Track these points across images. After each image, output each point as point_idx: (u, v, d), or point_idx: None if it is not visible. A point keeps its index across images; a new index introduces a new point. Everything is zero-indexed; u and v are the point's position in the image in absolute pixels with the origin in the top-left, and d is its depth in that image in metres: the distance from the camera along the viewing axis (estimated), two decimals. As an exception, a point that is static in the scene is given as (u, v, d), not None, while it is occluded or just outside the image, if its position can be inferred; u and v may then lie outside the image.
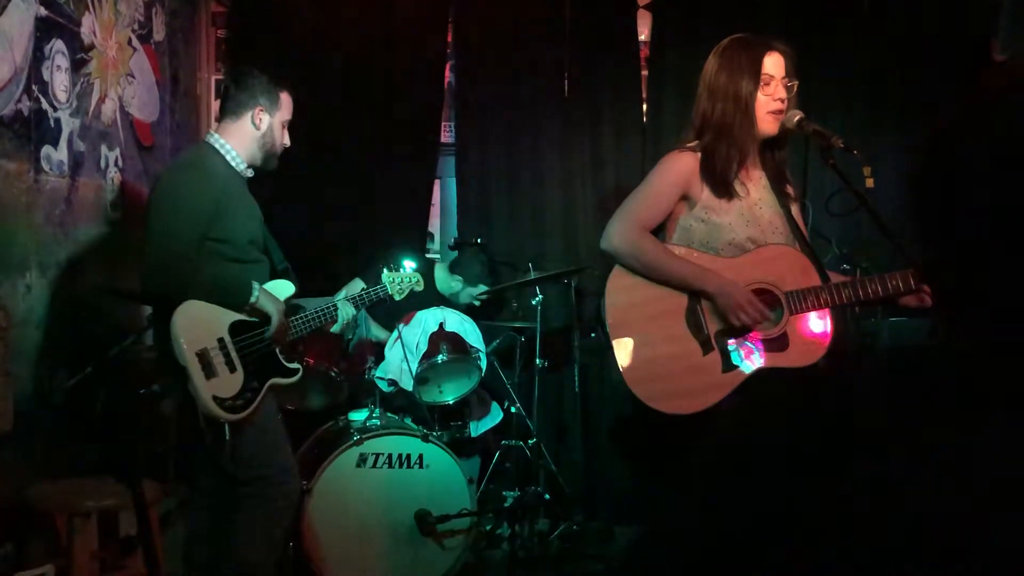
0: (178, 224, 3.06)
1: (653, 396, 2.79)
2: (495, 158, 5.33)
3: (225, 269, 3.18)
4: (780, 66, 2.86)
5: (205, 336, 3.06)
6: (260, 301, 3.16)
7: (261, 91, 3.29)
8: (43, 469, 3.51)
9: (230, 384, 3.08)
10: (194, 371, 2.99)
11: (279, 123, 3.35)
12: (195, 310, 3.05)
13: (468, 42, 5.36)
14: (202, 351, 3.03)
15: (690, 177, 2.88)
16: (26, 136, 3.52)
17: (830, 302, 2.79)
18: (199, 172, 3.18)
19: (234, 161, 3.29)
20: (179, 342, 2.99)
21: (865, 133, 5.10)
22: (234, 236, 3.19)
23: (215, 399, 3.02)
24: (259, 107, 3.29)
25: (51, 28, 3.68)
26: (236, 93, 3.30)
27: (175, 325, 3.00)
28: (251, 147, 3.31)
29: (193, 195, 3.10)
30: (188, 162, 3.31)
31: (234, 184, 3.26)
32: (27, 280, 3.53)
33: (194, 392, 3.00)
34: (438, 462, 3.95)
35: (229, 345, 3.10)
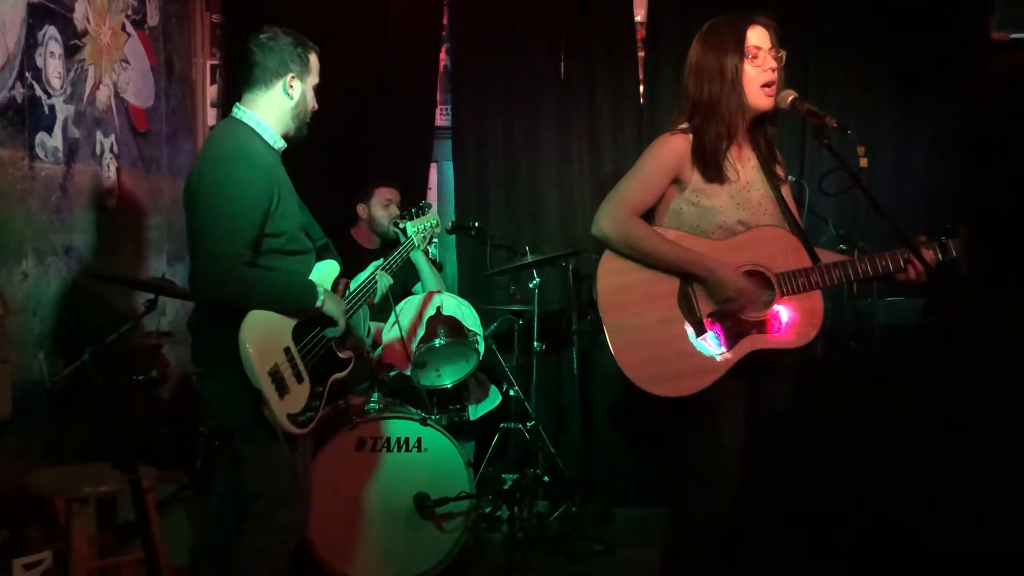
0: (235, 224, 2.77)
1: (646, 379, 2.79)
2: (492, 141, 5.32)
3: (285, 265, 2.94)
4: (765, 38, 2.84)
5: (274, 350, 2.84)
6: (327, 307, 2.96)
7: (291, 56, 2.96)
8: (41, 455, 3.52)
9: (300, 396, 2.89)
10: (270, 395, 2.77)
11: (310, 88, 3.05)
12: (261, 321, 2.81)
13: (464, 25, 5.34)
14: (273, 369, 2.80)
15: (681, 160, 2.88)
16: (20, 123, 3.51)
17: (821, 283, 2.79)
18: (247, 163, 2.85)
19: (272, 139, 2.99)
20: (250, 363, 2.74)
21: (862, 111, 5.09)
22: (288, 227, 2.95)
23: (289, 417, 2.83)
24: (291, 75, 2.97)
25: (44, 14, 3.66)
26: (264, 59, 2.95)
27: (245, 344, 2.74)
28: (285, 119, 3.01)
29: (245, 192, 2.80)
30: (228, 149, 2.90)
31: (278, 167, 2.99)
32: (23, 267, 3.53)
33: (271, 417, 2.79)
34: (437, 445, 3.96)
35: (295, 354, 2.91)
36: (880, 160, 5.00)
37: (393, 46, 5.25)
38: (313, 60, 3.07)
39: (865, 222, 4.61)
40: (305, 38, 3.07)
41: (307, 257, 3.07)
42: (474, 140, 5.34)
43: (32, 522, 3.34)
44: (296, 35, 3.03)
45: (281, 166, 3.05)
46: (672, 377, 2.78)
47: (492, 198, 5.34)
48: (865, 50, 5.12)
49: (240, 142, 2.92)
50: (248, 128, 2.97)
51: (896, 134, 5.12)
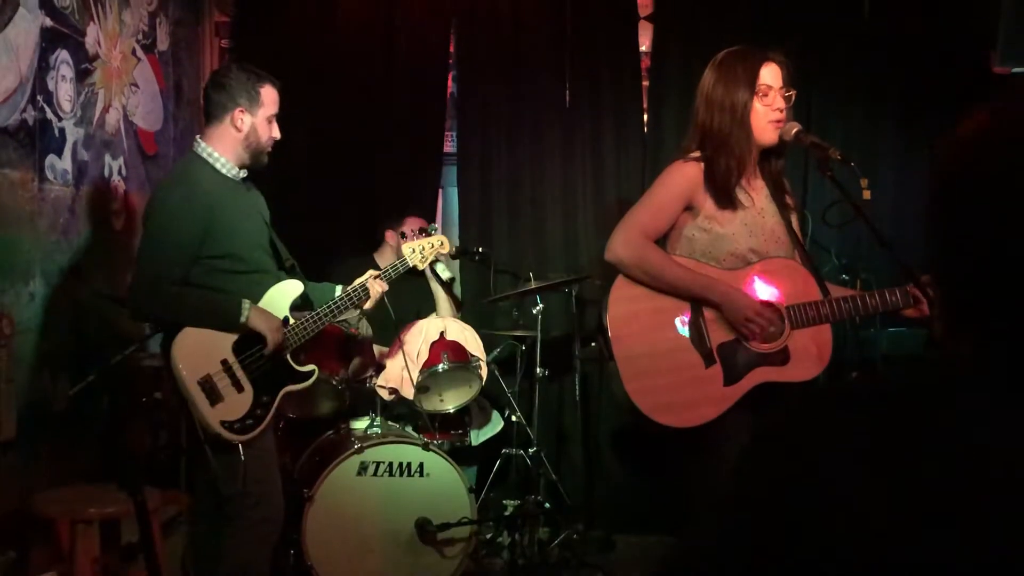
0: (163, 246, 3.01)
1: (654, 408, 2.80)
2: (497, 167, 5.36)
3: (230, 284, 3.09)
4: (777, 76, 2.88)
5: (207, 361, 3.01)
6: (252, 321, 3.06)
7: (239, 90, 3.13)
8: (46, 476, 3.53)
9: (239, 405, 3.03)
10: (198, 401, 2.95)
11: (263, 120, 3.17)
12: (195, 335, 3.00)
13: (470, 53, 5.38)
14: (204, 378, 2.98)
15: (694, 187, 2.90)
16: (31, 145, 3.54)
17: (831, 316, 2.81)
18: (185, 189, 3.07)
19: (224, 168, 3.15)
20: (179, 373, 2.95)
21: (864, 144, 5.12)
22: (234, 249, 3.11)
23: (223, 424, 2.97)
24: (239, 108, 3.13)
25: (56, 38, 3.71)
26: (215, 95, 3.15)
27: (174, 356, 2.96)
28: (237, 149, 3.17)
29: (178, 215, 3.02)
30: (175, 178, 3.21)
31: (227, 194, 3.15)
32: (31, 288, 3.56)
33: (200, 422, 2.95)
34: (439, 471, 3.96)
35: (234, 365, 3.05)
36: (882, 192, 5.03)
37: (401, 74, 5.29)
38: (265, 92, 3.19)
39: (868, 253, 4.64)
40: (261, 72, 3.21)
41: (258, 276, 3.19)
42: (479, 166, 5.38)
43: (36, 543, 3.34)
44: (251, 70, 3.19)
45: (239, 191, 3.21)
46: (680, 407, 2.79)
47: (496, 224, 5.36)
48: (868, 83, 5.16)
49: (185, 172, 3.16)
50: (200, 159, 3.16)
51: (898, 167, 5.15)
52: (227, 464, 3.03)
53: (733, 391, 2.79)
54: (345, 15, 5.29)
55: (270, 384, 3.13)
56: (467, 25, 5.37)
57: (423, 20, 5.31)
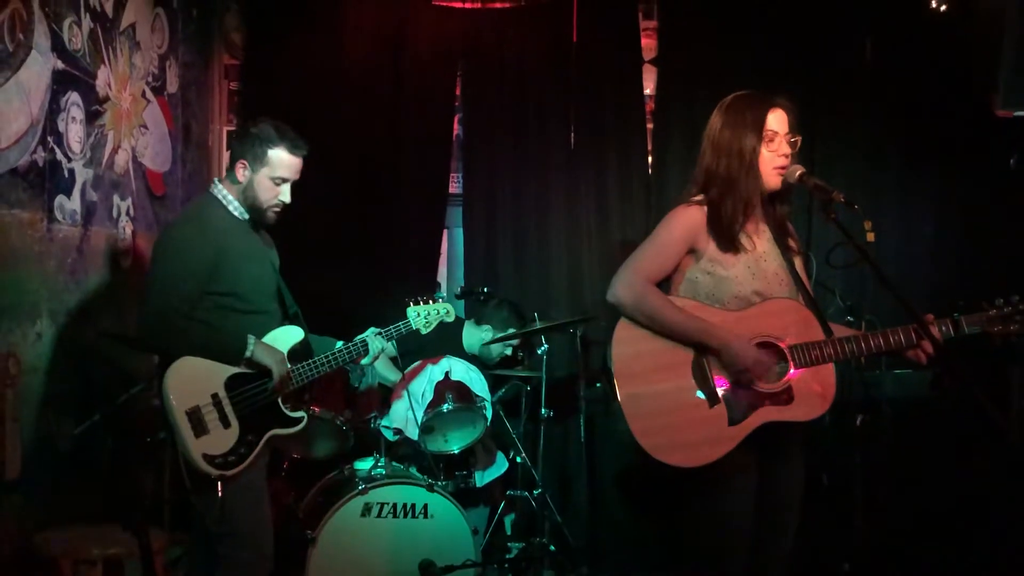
0: (172, 279, 3.08)
1: (658, 447, 2.79)
2: (502, 209, 5.40)
3: (231, 321, 3.17)
4: (784, 122, 2.90)
5: (197, 393, 3.06)
6: (256, 355, 3.13)
7: (248, 146, 3.25)
8: (50, 515, 3.53)
9: (223, 440, 3.07)
10: (183, 429, 3.00)
11: (264, 179, 3.24)
12: (189, 367, 3.06)
13: (476, 95, 5.44)
14: (192, 409, 3.03)
15: (697, 230, 2.92)
16: (40, 186, 3.58)
17: (834, 356, 2.81)
18: (197, 226, 3.19)
19: (236, 210, 3.29)
20: (168, 401, 3.00)
21: (868, 186, 5.15)
22: (239, 288, 3.19)
23: (205, 457, 3.01)
24: (241, 161, 3.25)
25: (67, 81, 3.75)
26: (233, 142, 3.35)
27: (166, 384, 3.02)
28: (243, 199, 3.29)
29: (189, 249, 3.11)
30: (188, 215, 3.35)
31: (238, 234, 3.26)
32: (38, 328, 3.57)
33: (183, 450, 3.01)
34: (443, 512, 3.95)
35: (224, 400, 3.10)
36: (886, 234, 5.05)
37: (407, 116, 5.35)
38: (275, 155, 3.25)
39: (872, 294, 4.64)
40: (285, 136, 3.26)
41: (261, 317, 3.26)
42: (484, 207, 5.41)
43: (39, 584, 3.33)
44: (272, 131, 3.25)
45: (249, 233, 3.30)
46: (684, 446, 2.79)
47: (501, 264, 5.39)
48: (870, 125, 5.21)
49: (198, 210, 3.29)
50: (215, 199, 3.29)
51: (902, 208, 5.18)
52: (206, 500, 3.05)
53: (737, 431, 2.78)
54: (352, 58, 5.35)
55: (257, 424, 3.16)
56: (473, 68, 5.43)
57: (429, 64, 5.37)
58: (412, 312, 3.65)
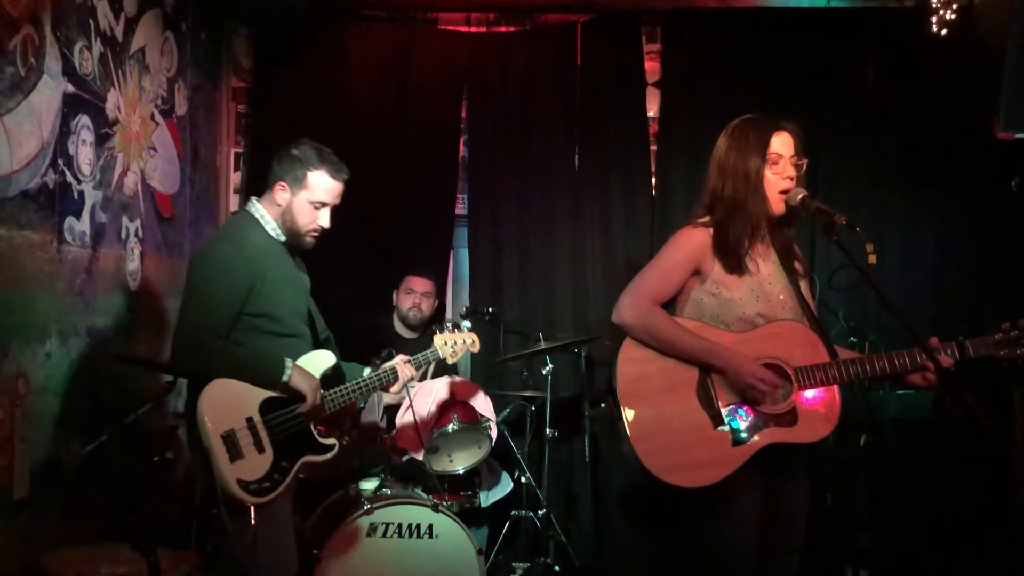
0: (210, 300, 3.00)
1: (663, 467, 2.81)
2: (507, 230, 5.44)
3: (264, 344, 3.10)
4: (789, 145, 2.93)
5: (233, 416, 2.96)
6: (293, 379, 3.06)
7: (288, 168, 3.21)
8: (58, 535, 3.54)
9: (257, 466, 2.97)
10: (218, 454, 2.89)
11: (304, 203, 3.22)
12: (223, 389, 2.96)
13: (481, 118, 5.49)
14: (228, 433, 2.92)
15: (702, 252, 2.95)
16: (50, 208, 3.61)
17: (839, 378, 2.83)
18: (234, 245, 3.11)
19: (273, 230, 3.22)
20: (204, 423, 2.89)
21: (871, 208, 5.19)
22: (274, 310, 3.13)
23: (239, 483, 2.90)
24: (281, 183, 3.22)
25: (78, 104, 3.80)
26: (273, 163, 3.27)
27: (201, 406, 2.91)
28: (282, 220, 3.24)
29: (227, 269, 3.03)
30: (226, 234, 3.25)
31: (274, 255, 3.20)
32: (47, 348, 3.60)
33: (217, 476, 2.88)
34: (448, 532, 3.95)
35: (258, 424, 3.01)
36: (889, 255, 5.09)
37: (413, 138, 5.40)
38: (314, 178, 3.23)
39: (875, 316, 4.67)
40: (326, 159, 3.26)
41: (294, 341, 3.20)
42: (489, 228, 5.45)
43: (47, 603, 3.34)
44: (308, 154, 3.24)
45: (285, 255, 3.26)
46: (688, 467, 2.80)
47: (506, 284, 5.42)
48: (873, 148, 5.25)
49: (237, 229, 3.21)
50: (253, 218, 3.23)
51: (905, 230, 5.20)
52: (237, 526, 2.94)
53: (742, 452, 2.80)
54: (358, 81, 5.41)
55: (290, 450, 3.08)
56: (478, 91, 5.49)
57: (435, 87, 5.43)
58: (439, 341, 3.66)
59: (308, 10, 5.31)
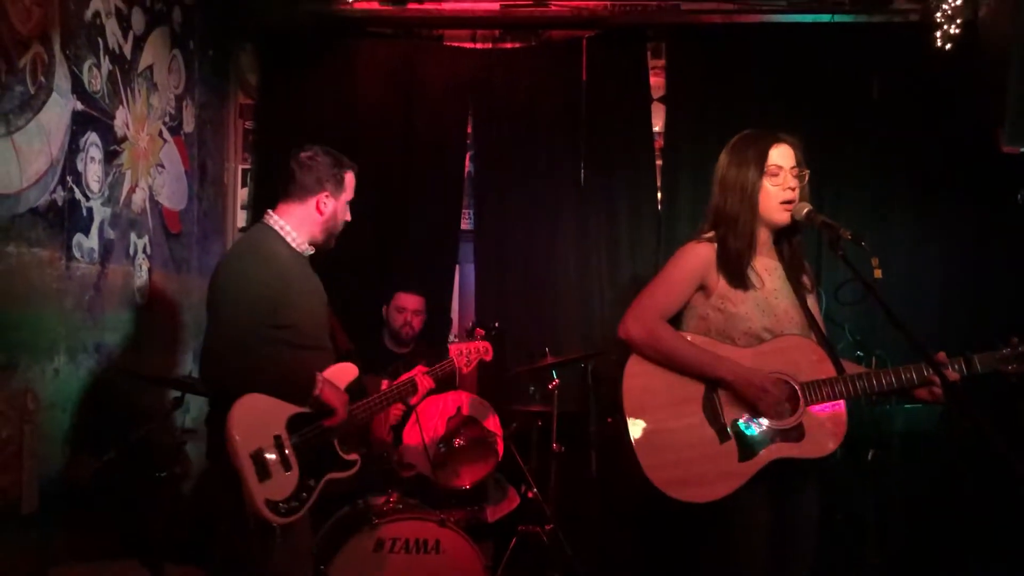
0: (240, 312, 2.92)
1: (669, 482, 2.80)
2: (513, 244, 5.45)
3: (292, 357, 3.04)
4: (789, 156, 2.94)
5: (261, 434, 2.88)
6: (325, 394, 3.01)
7: (327, 176, 3.17)
8: (66, 551, 3.55)
9: (285, 484, 2.89)
10: (248, 474, 2.80)
11: (343, 204, 3.24)
12: (252, 405, 2.88)
13: (487, 133, 5.52)
14: (257, 451, 2.84)
15: (707, 267, 2.95)
16: (59, 225, 3.64)
17: (845, 393, 2.82)
18: (261, 258, 3.04)
19: (295, 242, 3.16)
20: (234, 442, 2.80)
21: (877, 222, 5.19)
22: (300, 322, 3.07)
23: (268, 503, 2.82)
24: (325, 192, 3.17)
25: (86, 121, 3.83)
26: (302, 177, 3.16)
27: (231, 424, 2.81)
28: (313, 230, 3.19)
29: (255, 282, 2.97)
30: (249, 247, 3.13)
31: (297, 266, 3.15)
32: (55, 364, 3.62)
33: (247, 496, 2.80)
34: (455, 547, 3.94)
35: (285, 442, 2.93)
36: (895, 269, 5.08)
37: (419, 154, 5.43)
38: (348, 178, 3.25)
39: (882, 330, 4.66)
40: (343, 157, 3.24)
41: (319, 354, 3.15)
42: (495, 243, 5.47)
43: (55, 619, 3.35)
44: (335, 155, 3.22)
45: (307, 267, 3.22)
46: (694, 482, 2.80)
47: (512, 299, 5.43)
48: (878, 162, 5.26)
49: (259, 243, 3.13)
50: (274, 232, 3.16)
51: (910, 244, 5.21)
52: (259, 545, 2.90)
53: (748, 467, 2.79)
54: (365, 97, 5.44)
55: (316, 468, 3.01)
56: (484, 107, 5.51)
57: (441, 103, 5.47)
58: (456, 351, 3.68)
59: (314, 27, 5.34)
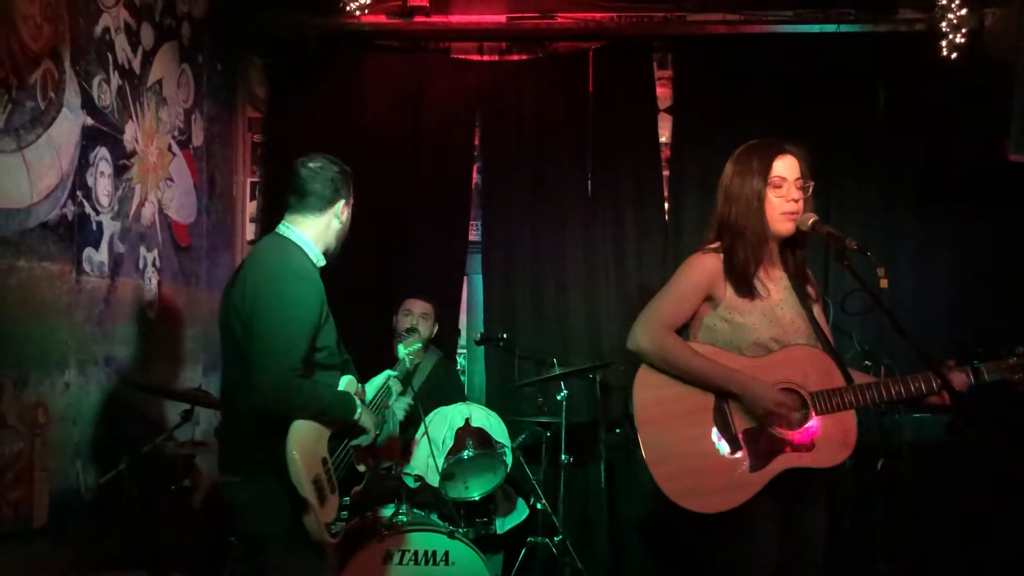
0: (290, 342, 2.82)
1: (680, 493, 2.81)
2: (520, 255, 5.46)
3: (323, 378, 2.98)
4: (793, 168, 2.94)
5: (315, 461, 2.86)
6: (363, 419, 3.02)
7: (343, 185, 3.11)
8: (76, 563, 3.55)
9: (333, 507, 2.91)
10: (313, 500, 2.79)
11: (350, 212, 3.20)
12: (306, 433, 2.84)
13: (494, 144, 5.54)
14: (316, 478, 2.83)
15: (714, 278, 2.96)
16: (69, 239, 3.66)
17: (855, 403, 2.82)
18: (304, 280, 2.93)
19: (315, 256, 3.07)
20: (299, 474, 2.76)
21: (884, 232, 5.20)
22: (329, 342, 3.03)
23: (326, 526, 2.84)
24: (344, 201, 3.12)
25: (96, 136, 3.85)
26: (319, 187, 3.06)
27: (294, 454, 2.77)
28: (329, 240, 3.12)
29: (301, 308, 2.87)
30: (289, 268, 2.95)
31: (322, 285, 3.04)
32: (66, 377, 3.63)
33: (312, 524, 2.80)
34: (464, 559, 3.95)
35: (331, 465, 2.93)
36: (903, 279, 5.09)
37: (427, 165, 5.45)
38: (353, 189, 3.22)
39: (890, 340, 4.65)
40: (347, 166, 3.20)
41: (338, 372, 3.12)
42: (503, 254, 5.48)
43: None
44: (340, 164, 3.17)
45: None
46: (705, 492, 2.80)
47: (520, 310, 5.44)
48: (885, 172, 5.27)
49: (295, 260, 2.99)
50: (296, 246, 3.04)
51: (918, 253, 5.21)
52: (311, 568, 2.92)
53: (759, 477, 2.79)
54: (372, 110, 5.47)
55: (345, 485, 3.04)
56: (491, 118, 5.54)
57: (448, 115, 5.49)
58: (403, 350, 3.69)
59: (322, 41, 5.38)
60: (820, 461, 2.82)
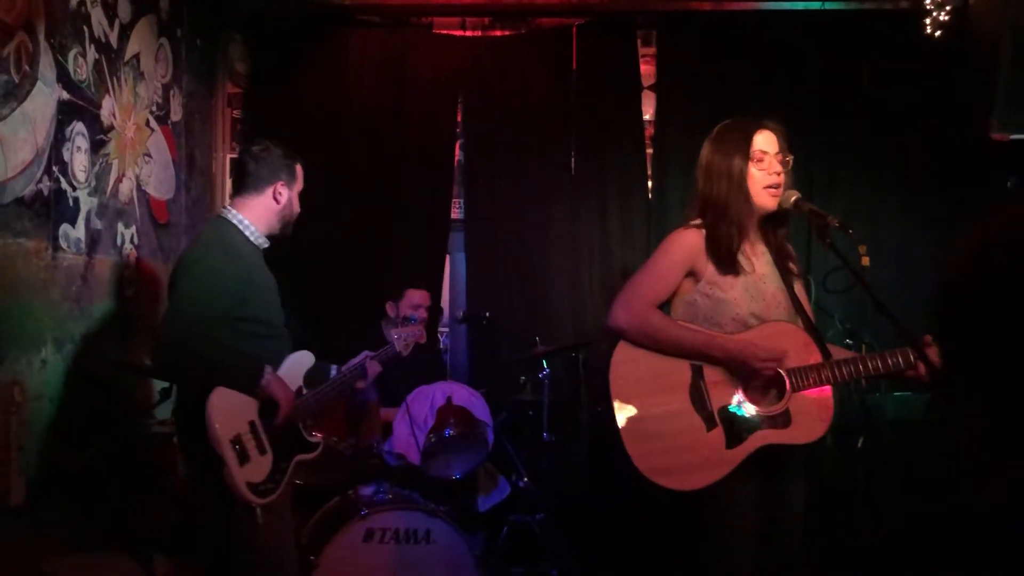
0: (198, 303, 3.04)
1: (656, 470, 2.80)
2: (503, 233, 5.44)
3: (255, 347, 3.15)
4: (773, 142, 2.94)
5: (238, 420, 3.03)
6: (270, 387, 3.11)
7: (280, 166, 3.31)
8: (55, 543, 3.53)
9: (261, 467, 3.06)
10: (230, 459, 2.95)
11: (295, 194, 3.37)
12: (227, 396, 3.02)
13: (477, 121, 5.50)
14: (236, 437, 2.99)
15: (696, 254, 2.95)
16: (45, 215, 3.61)
17: (832, 379, 2.82)
18: (223, 251, 3.16)
19: (252, 236, 3.28)
20: (215, 431, 2.94)
21: (866, 210, 5.19)
22: (263, 313, 3.20)
23: (248, 485, 2.98)
24: (280, 182, 3.30)
25: (73, 111, 3.80)
26: (256, 169, 3.29)
27: (211, 413, 2.95)
28: (271, 220, 3.32)
29: (216, 274, 3.08)
30: (209, 240, 3.24)
31: (256, 260, 3.28)
32: (42, 355, 3.60)
33: (230, 480, 2.95)
34: (445, 537, 3.95)
35: (259, 428, 3.08)
36: (885, 256, 5.09)
37: (409, 143, 5.41)
38: (299, 169, 3.41)
39: (871, 318, 4.66)
40: (291, 151, 3.39)
41: (279, 341, 3.30)
42: (486, 232, 5.46)
43: (44, 611, 3.34)
44: (285, 148, 3.37)
45: (261, 259, 3.34)
46: (682, 470, 2.80)
47: (502, 288, 5.42)
48: (868, 150, 5.26)
49: (220, 235, 3.24)
50: (232, 225, 3.27)
51: (900, 231, 5.21)
52: (247, 527, 3.03)
53: (735, 454, 2.79)
54: (354, 85, 5.42)
55: (285, 450, 3.17)
56: (474, 95, 5.50)
57: (431, 91, 5.44)
58: (394, 335, 3.82)
59: (303, 16, 5.32)
60: (796, 437, 2.83)
